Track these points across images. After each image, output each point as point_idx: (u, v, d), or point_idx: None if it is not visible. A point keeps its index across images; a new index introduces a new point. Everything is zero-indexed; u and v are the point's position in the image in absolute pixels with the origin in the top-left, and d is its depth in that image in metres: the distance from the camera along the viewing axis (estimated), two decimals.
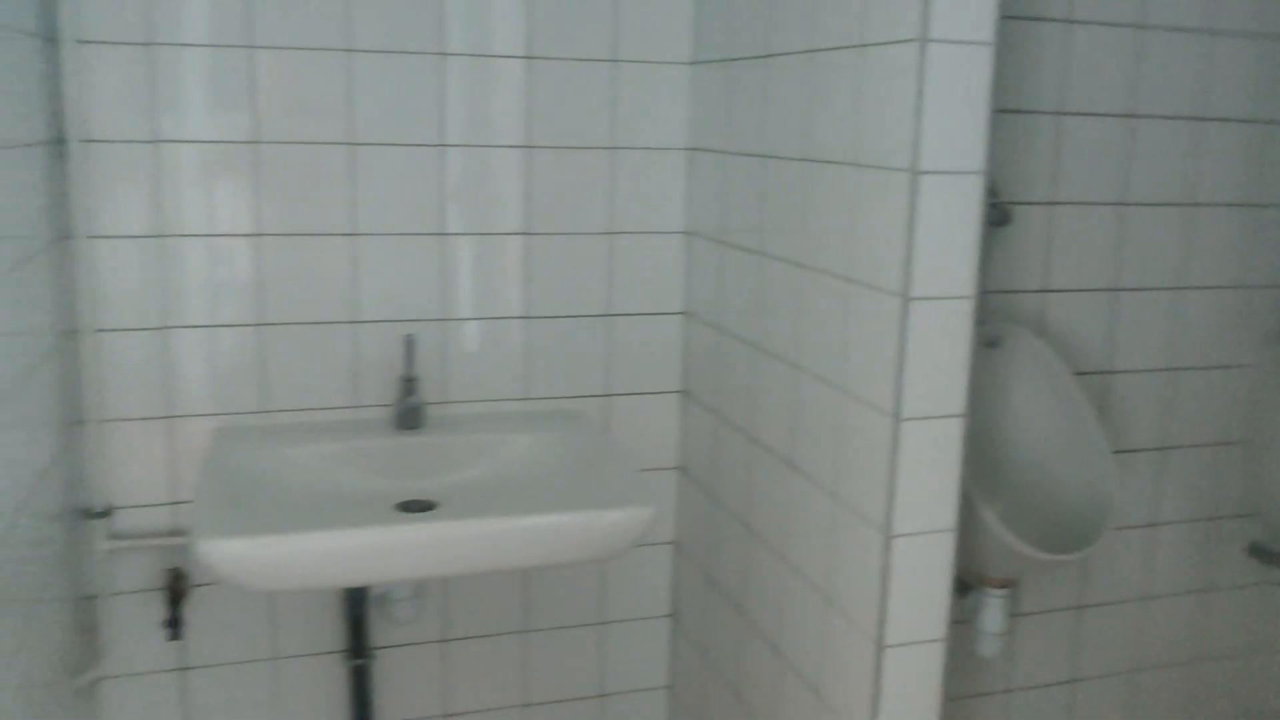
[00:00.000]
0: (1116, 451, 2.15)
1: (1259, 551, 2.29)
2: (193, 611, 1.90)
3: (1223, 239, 2.17)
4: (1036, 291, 2.06)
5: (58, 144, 1.70)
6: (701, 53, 1.93)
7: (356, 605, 1.94)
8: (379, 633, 2.00)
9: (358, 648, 1.95)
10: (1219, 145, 2.12)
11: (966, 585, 1.96)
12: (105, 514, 1.82)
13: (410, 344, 1.84)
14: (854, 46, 1.46)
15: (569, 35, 1.89)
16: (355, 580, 1.72)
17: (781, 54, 1.66)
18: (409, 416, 1.86)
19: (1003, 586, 1.91)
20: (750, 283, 1.79)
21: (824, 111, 1.55)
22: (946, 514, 1.45)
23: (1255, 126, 2.13)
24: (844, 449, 1.53)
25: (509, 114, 1.89)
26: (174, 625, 1.84)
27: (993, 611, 1.91)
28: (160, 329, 1.80)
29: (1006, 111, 1.97)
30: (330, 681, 1.99)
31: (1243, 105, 2.12)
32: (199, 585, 1.89)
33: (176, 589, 1.85)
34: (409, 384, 1.85)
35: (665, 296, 2.04)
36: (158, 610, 1.87)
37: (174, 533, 1.86)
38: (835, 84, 1.51)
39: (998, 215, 1.94)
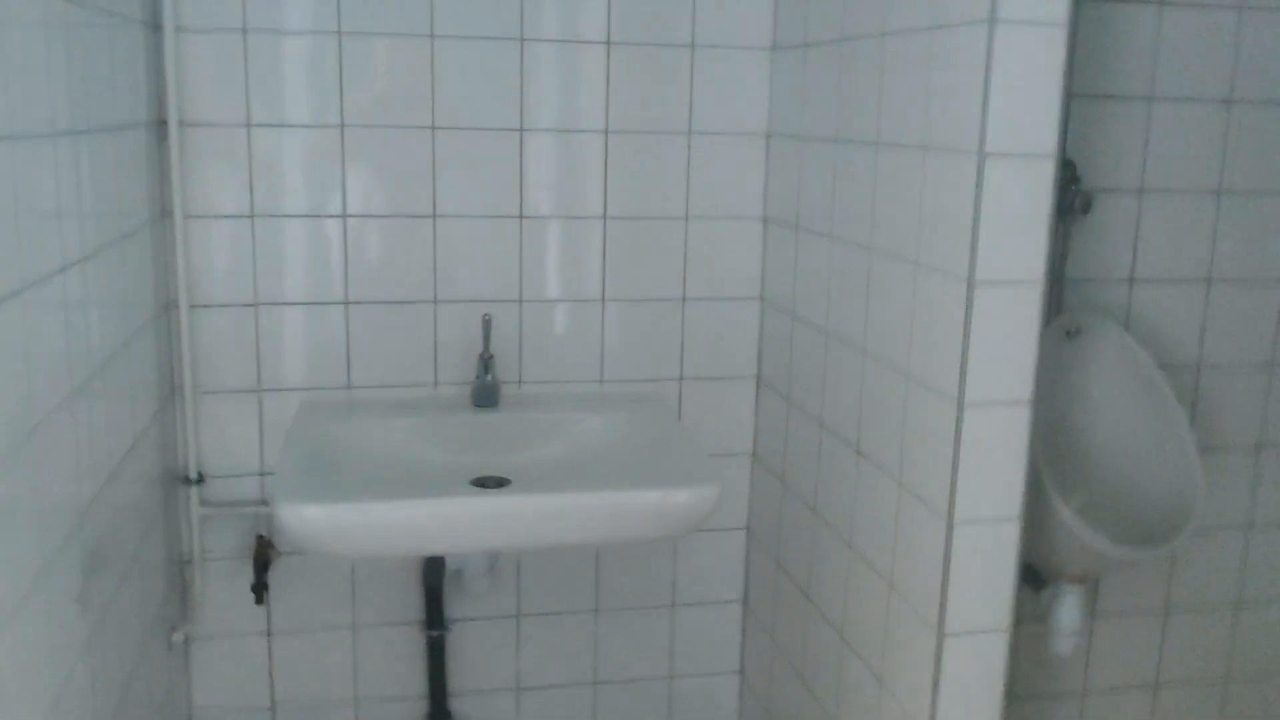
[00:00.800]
0: (1207, 449, 2.09)
1: None
2: (278, 579, 1.98)
3: None
4: (1123, 281, 2.01)
5: (158, 126, 1.79)
6: (781, 38, 1.93)
7: (433, 578, 1.99)
8: (455, 606, 2.05)
9: (434, 619, 2.01)
10: None
11: (1042, 580, 1.92)
12: (199, 481, 1.91)
13: (487, 324, 1.89)
14: (925, 29, 1.45)
15: (649, 20, 1.91)
16: (426, 550, 1.78)
17: (856, 38, 1.65)
18: (485, 395, 1.90)
19: (1079, 582, 1.87)
20: (822, 268, 1.79)
21: (895, 95, 1.54)
22: (1012, 503, 1.43)
23: None
24: (909, 435, 1.52)
25: (588, 99, 1.92)
26: (259, 590, 1.91)
27: (1068, 608, 1.87)
28: (251, 305, 1.88)
29: (1094, 96, 1.93)
30: (407, 651, 2.05)
31: None
32: (284, 553, 1.97)
33: (263, 556, 1.93)
34: (486, 363, 1.90)
35: (742, 282, 2.05)
36: (246, 575, 1.95)
37: (262, 501, 1.94)
38: (906, 67, 1.50)
39: (1080, 202, 1.89)
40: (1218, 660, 2.24)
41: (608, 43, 1.90)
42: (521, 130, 1.90)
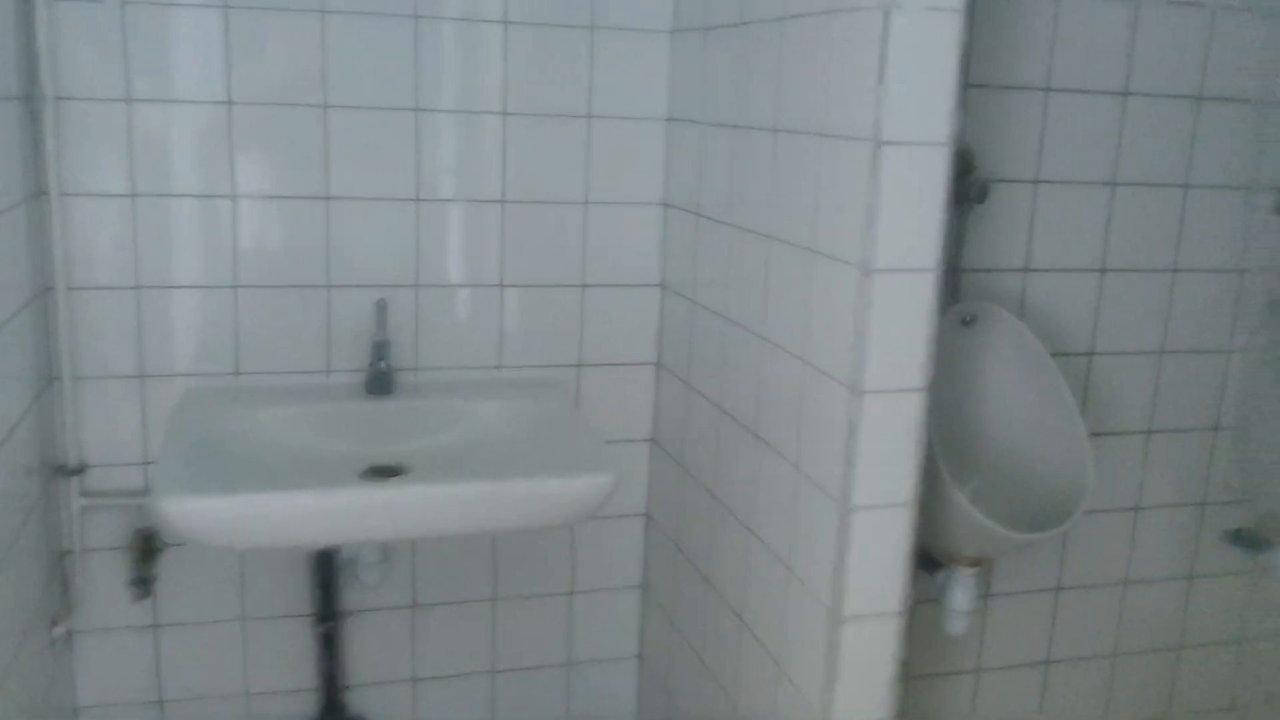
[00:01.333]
0: (1099, 434, 2.14)
1: (1241, 538, 2.27)
2: (164, 571, 1.92)
3: (1216, 221, 2.14)
4: (1018, 270, 2.04)
5: (31, 100, 1.70)
6: (681, 20, 1.91)
7: (325, 569, 1.95)
8: (348, 597, 2.01)
9: (326, 611, 1.97)
10: (1215, 125, 2.08)
11: (936, 563, 1.95)
12: (79, 471, 1.83)
13: (382, 308, 1.84)
14: (822, 14, 1.44)
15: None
16: (316, 542, 1.74)
17: (756, 22, 1.64)
18: (379, 382, 1.86)
19: (973, 565, 1.90)
20: (721, 254, 1.78)
21: (793, 81, 1.53)
22: (906, 488, 1.44)
23: (1253, 107, 2.10)
24: (806, 421, 1.52)
25: (485, 79, 1.88)
26: (142, 584, 1.85)
27: (961, 589, 1.90)
28: (134, 288, 1.80)
29: (992, 87, 1.95)
30: (299, 644, 2.00)
31: (1241, 84, 2.08)
32: (170, 545, 1.91)
33: (146, 548, 1.87)
34: (380, 349, 1.86)
35: (642, 268, 2.03)
36: (130, 568, 1.88)
37: (146, 491, 1.87)
38: (804, 52, 1.50)
39: (976, 191, 1.91)
40: (1106, 637, 2.30)
41: (505, 22, 1.86)
42: (417, 110, 1.86)
